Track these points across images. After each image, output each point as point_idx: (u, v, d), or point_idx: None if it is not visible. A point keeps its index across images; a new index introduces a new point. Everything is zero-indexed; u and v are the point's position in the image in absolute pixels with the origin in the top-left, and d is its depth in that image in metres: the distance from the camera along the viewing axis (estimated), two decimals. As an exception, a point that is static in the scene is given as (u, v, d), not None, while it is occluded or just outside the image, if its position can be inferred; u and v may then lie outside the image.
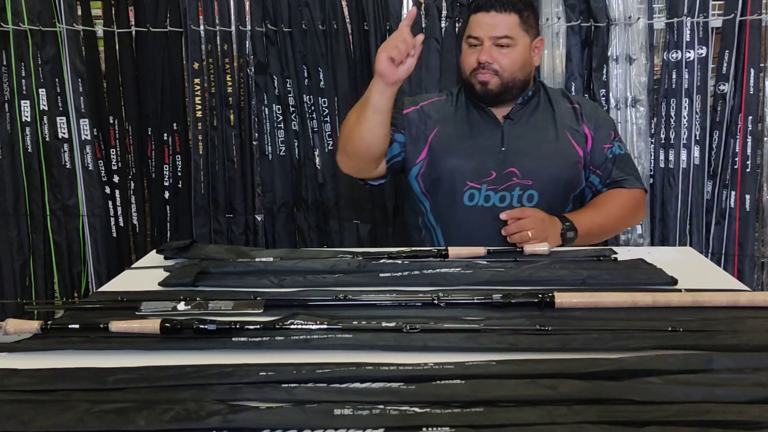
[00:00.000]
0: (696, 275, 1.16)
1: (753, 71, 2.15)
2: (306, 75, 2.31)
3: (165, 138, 2.35)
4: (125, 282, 1.18)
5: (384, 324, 0.89)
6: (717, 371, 0.75)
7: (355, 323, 0.90)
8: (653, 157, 2.30)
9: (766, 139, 2.21)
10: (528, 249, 1.30)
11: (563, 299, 0.97)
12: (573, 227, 1.42)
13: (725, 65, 2.18)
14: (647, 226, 2.33)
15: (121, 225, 2.42)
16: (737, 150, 2.20)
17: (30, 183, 2.35)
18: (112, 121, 2.35)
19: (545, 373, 0.74)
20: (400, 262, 1.22)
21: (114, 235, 2.42)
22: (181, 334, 0.88)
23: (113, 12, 2.27)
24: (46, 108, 2.30)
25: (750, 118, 2.17)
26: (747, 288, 1.08)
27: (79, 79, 2.29)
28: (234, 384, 0.73)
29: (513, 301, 0.98)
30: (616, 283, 1.10)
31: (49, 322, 0.91)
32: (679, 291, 1.03)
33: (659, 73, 2.27)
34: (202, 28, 2.27)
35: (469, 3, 1.53)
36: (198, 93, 2.31)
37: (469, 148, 1.53)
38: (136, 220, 2.42)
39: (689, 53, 2.20)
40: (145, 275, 1.19)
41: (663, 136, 2.28)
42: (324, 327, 0.89)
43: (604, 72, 2.23)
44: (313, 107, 2.33)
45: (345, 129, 1.50)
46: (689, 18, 2.17)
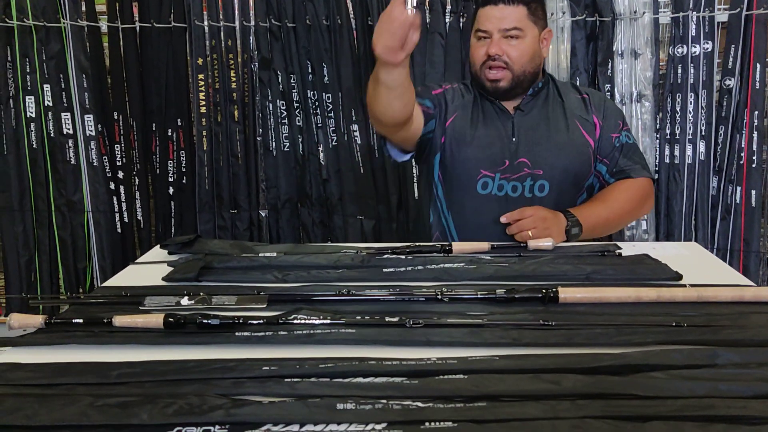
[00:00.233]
0: (701, 270, 1.15)
1: (759, 66, 2.14)
2: (310, 70, 2.31)
3: (169, 134, 2.36)
4: (129, 277, 1.18)
5: (387, 319, 0.89)
6: (721, 366, 0.74)
7: (359, 318, 0.90)
8: (658, 153, 2.29)
9: (772, 135, 2.21)
10: (532, 244, 1.29)
11: (567, 294, 0.97)
12: (578, 223, 1.41)
13: (731, 60, 2.17)
14: (652, 221, 2.32)
15: (126, 221, 2.43)
16: (743, 145, 2.19)
17: (35, 179, 2.36)
18: (116, 117, 2.35)
19: (548, 368, 0.74)
20: (403, 257, 1.22)
21: (119, 231, 2.43)
22: (185, 328, 0.88)
23: (117, 8, 2.28)
24: (50, 104, 2.31)
25: (756, 113, 2.16)
26: (752, 283, 1.07)
27: (84, 75, 2.29)
28: (237, 378, 0.73)
29: (516, 296, 0.97)
30: (620, 279, 1.10)
31: (53, 316, 0.91)
32: (684, 286, 1.03)
33: (665, 68, 2.26)
34: (206, 23, 2.28)
35: (476, -4, 1.52)
36: (202, 89, 2.31)
37: (483, 136, 1.53)
38: (140, 215, 2.43)
39: (695, 48, 2.19)
40: (149, 270, 1.20)
41: (668, 131, 2.27)
42: (327, 322, 0.89)
43: (609, 67, 2.22)
44: (317, 103, 2.33)
45: (367, 99, 1.43)
46: (695, 12, 2.16)
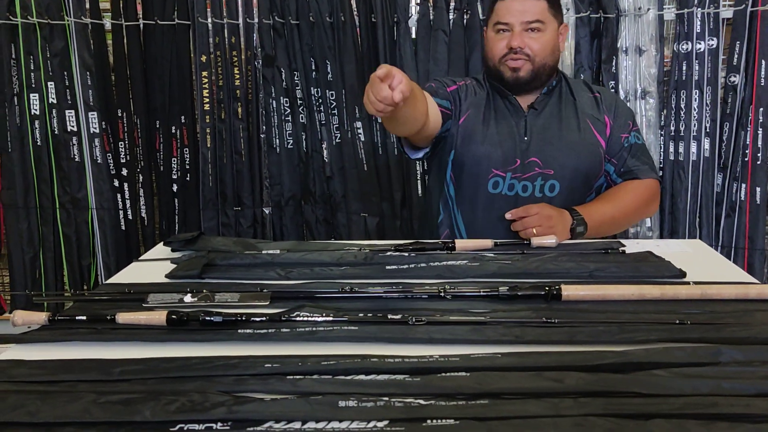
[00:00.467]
0: (705, 268, 1.15)
1: (764, 62, 2.13)
2: (314, 67, 2.31)
3: (173, 131, 2.36)
4: (133, 274, 1.19)
5: (390, 316, 0.89)
6: (725, 364, 0.74)
7: (361, 315, 0.90)
8: (663, 150, 2.28)
9: (777, 131, 2.20)
10: (535, 242, 1.29)
11: (570, 292, 0.97)
12: (583, 221, 1.41)
13: (736, 56, 2.16)
14: (656, 219, 2.31)
15: (130, 218, 2.43)
16: (748, 142, 2.18)
17: (39, 176, 2.36)
18: (120, 114, 2.36)
19: (551, 366, 0.74)
20: (406, 254, 1.22)
21: (123, 228, 2.44)
22: (188, 325, 0.89)
23: (121, 5, 2.28)
24: (54, 101, 2.31)
25: (761, 109, 2.15)
26: (756, 281, 1.06)
27: (88, 72, 2.30)
28: (239, 376, 0.73)
29: (520, 294, 0.97)
30: (623, 276, 1.09)
31: (57, 313, 0.91)
32: (688, 284, 1.02)
33: (669, 65, 2.25)
34: (209, 20, 2.28)
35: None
36: (206, 86, 2.31)
37: (496, 135, 1.52)
38: (144, 213, 2.44)
39: (700, 44, 2.18)
40: (153, 267, 1.20)
41: (673, 128, 2.26)
42: (330, 319, 0.89)
43: (613, 64, 2.21)
44: (321, 100, 2.33)
45: None
46: (700, 9, 2.15)
